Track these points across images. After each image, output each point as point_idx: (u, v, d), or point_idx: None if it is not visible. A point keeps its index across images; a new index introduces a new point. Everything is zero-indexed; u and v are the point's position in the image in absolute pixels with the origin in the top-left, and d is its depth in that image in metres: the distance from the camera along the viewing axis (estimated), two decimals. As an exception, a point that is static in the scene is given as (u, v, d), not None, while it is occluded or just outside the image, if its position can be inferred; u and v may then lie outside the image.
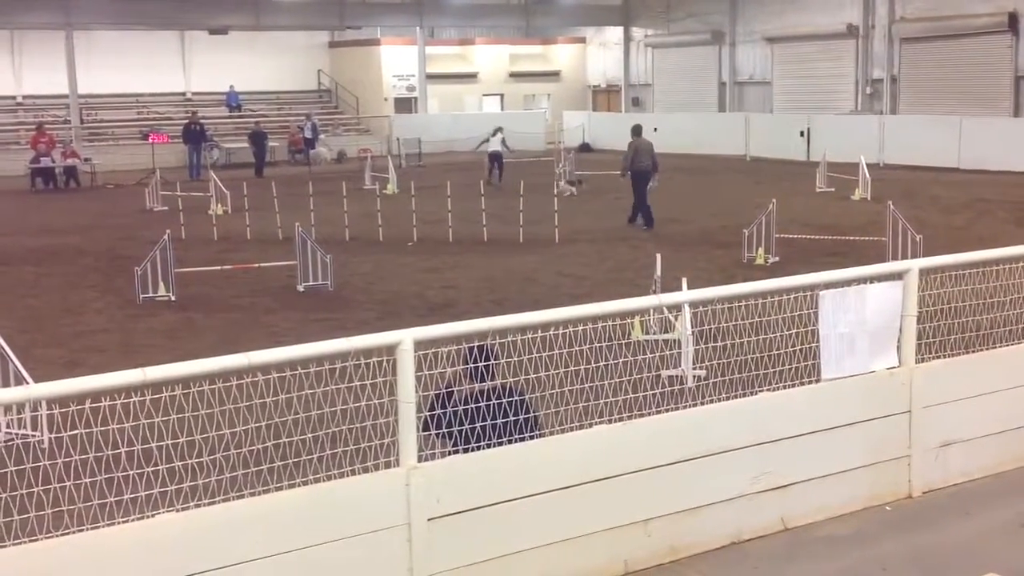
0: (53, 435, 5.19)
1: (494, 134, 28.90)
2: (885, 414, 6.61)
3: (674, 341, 9.89)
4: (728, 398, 6.66)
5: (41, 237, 20.40)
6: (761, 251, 16.00)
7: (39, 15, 35.72)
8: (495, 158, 28.34)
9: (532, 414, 5.92)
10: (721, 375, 7.04)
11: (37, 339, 12.01)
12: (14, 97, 39.59)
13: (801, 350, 6.73)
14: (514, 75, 47.18)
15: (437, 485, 5.27)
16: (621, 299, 6.87)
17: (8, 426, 8.11)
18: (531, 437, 5.78)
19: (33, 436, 7.67)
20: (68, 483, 4.73)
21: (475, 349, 5.94)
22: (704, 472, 5.98)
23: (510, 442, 5.63)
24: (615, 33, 46.43)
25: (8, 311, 13.68)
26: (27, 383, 7.82)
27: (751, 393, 6.51)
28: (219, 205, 22.87)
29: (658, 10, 43.94)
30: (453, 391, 5.75)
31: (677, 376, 9.18)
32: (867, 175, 23.99)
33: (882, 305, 6.57)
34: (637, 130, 21.10)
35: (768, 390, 6.51)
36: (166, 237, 14.14)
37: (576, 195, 24.96)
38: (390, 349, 5.28)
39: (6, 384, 8.16)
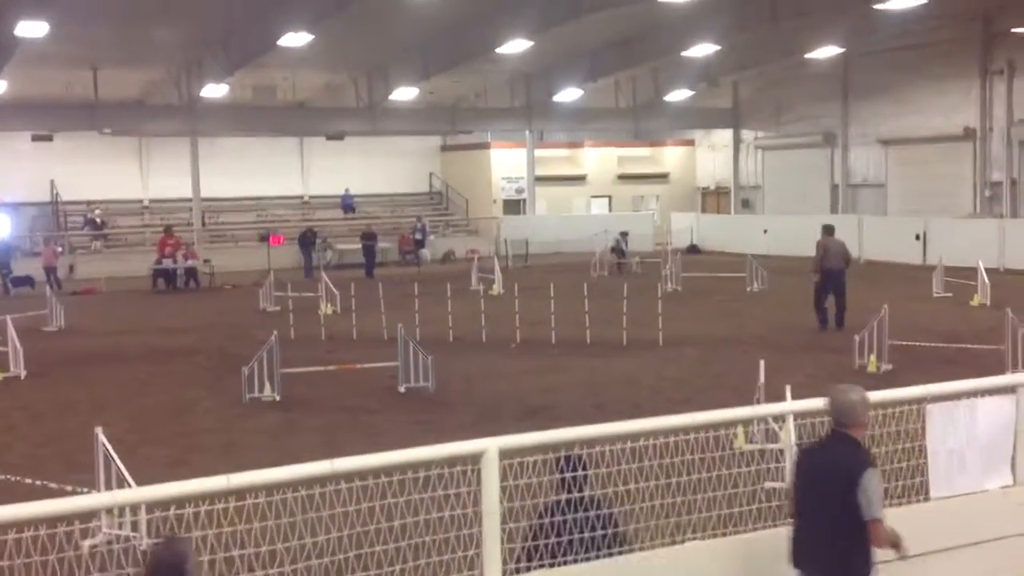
0: (156, 540, 5.21)
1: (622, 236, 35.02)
2: (999, 536, 6.24)
3: (780, 452, 9.58)
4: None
5: (158, 336, 21.04)
6: (873, 358, 15.50)
7: (166, 123, 37.53)
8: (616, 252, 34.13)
9: (619, 528, 5.74)
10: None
11: (145, 438, 12.27)
12: (141, 201, 41.44)
13: (908, 466, 6.42)
14: (622, 177, 47.50)
15: (520, 601, 5.12)
16: (719, 408, 6.69)
17: (109, 527, 8.21)
18: (618, 552, 5.59)
19: (134, 538, 7.76)
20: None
21: (563, 459, 5.81)
22: (803, 594, 5.68)
23: (596, 556, 5.46)
24: (724, 135, 46.48)
25: (121, 410, 14.05)
26: (129, 485, 7.95)
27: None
28: (328, 305, 23.32)
29: (768, 112, 43.91)
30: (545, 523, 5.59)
31: (782, 489, 8.87)
32: (986, 280, 23.20)
33: (994, 420, 6.26)
34: (828, 229, 20.67)
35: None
36: (273, 338, 14.41)
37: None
38: (475, 458, 5.20)
39: (109, 485, 8.30)
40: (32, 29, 25.90)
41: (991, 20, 35.29)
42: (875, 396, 6.31)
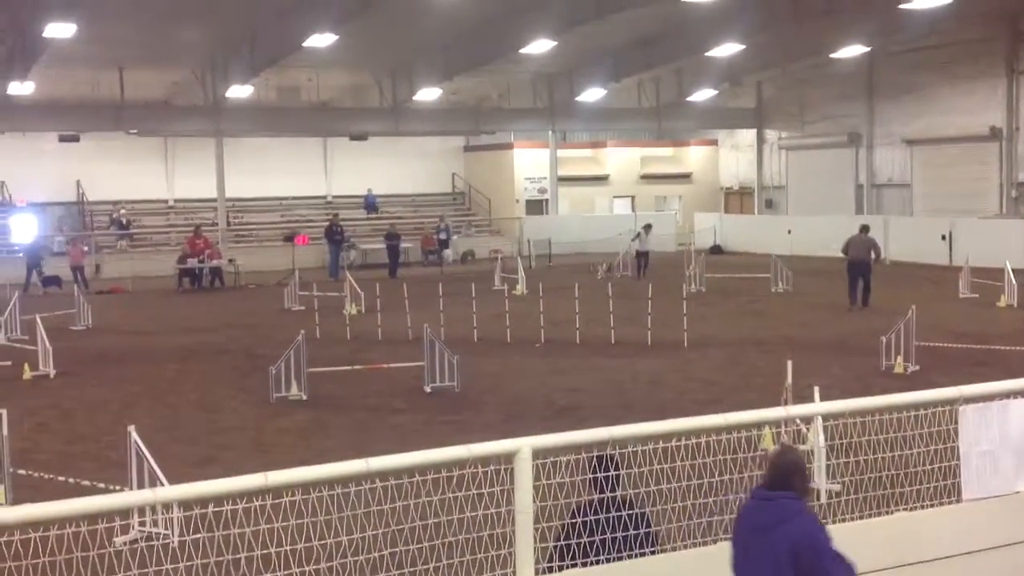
0: (189, 537, 5.27)
1: (646, 231, 31.98)
2: (1033, 538, 6.20)
3: (807, 453, 9.57)
4: (861, 517, 6.36)
5: (185, 336, 21.17)
6: (900, 359, 15.43)
7: (192, 124, 37.74)
8: (643, 255, 31.59)
9: (651, 528, 5.75)
10: (855, 492, 6.76)
11: (176, 436, 12.37)
12: (166, 201, 41.70)
13: (940, 468, 6.41)
14: (645, 177, 47.42)
15: (554, 600, 5.14)
16: (748, 409, 6.68)
17: (141, 525, 8.30)
18: (650, 552, 5.61)
19: (164, 535, 7.84)
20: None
21: (595, 459, 5.83)
22: (835, 596, 5.67)
23: (628, 556, 5.48)
24: (748, 135, 46.33)
25: (151, 408, 14.17)
26: (161, 483, 8.02)
27: (886, 512, 6.21)
28: (353, 305, 23.41)
29: (792, 112, 43.73)
30: (578, 522, 5.63)
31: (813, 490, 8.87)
32: (1013, 281, 23.07)
33: (1027, 422, 6.21)
34: (861, 228, 23.59)
35: (905, 509, 6.20)
36: (300, 337, 14.49)
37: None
38: (508, 457, 5.23)
39: (141, 483, 8.38)
40: (60, 30, 26.13)
41: (1017, 19, 35.05)
42: (908, 397, 6.31)
